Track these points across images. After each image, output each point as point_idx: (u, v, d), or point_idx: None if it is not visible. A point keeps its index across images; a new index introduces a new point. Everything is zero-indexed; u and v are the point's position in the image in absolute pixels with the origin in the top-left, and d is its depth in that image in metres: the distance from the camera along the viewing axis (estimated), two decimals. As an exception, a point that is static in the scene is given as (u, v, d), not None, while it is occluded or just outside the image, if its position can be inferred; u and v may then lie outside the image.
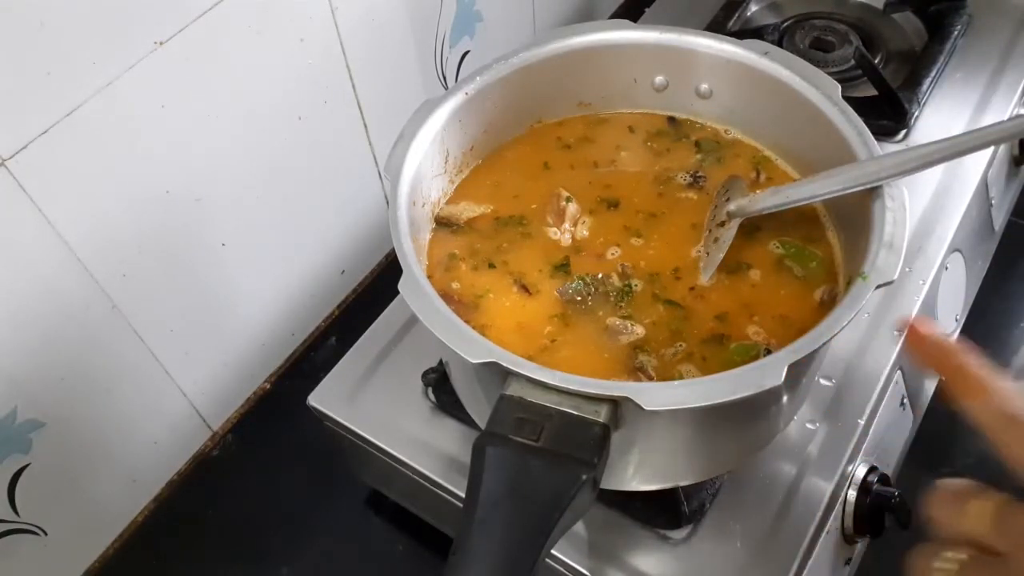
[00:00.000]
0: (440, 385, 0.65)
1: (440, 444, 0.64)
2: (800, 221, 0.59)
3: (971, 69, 0.84)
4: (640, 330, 0.54)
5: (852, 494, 0.61)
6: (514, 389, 0.45)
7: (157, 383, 0.73)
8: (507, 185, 0.63)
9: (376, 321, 0.72)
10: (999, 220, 0.85)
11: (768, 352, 0.52)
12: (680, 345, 0.53)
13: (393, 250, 0.51)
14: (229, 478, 0.79)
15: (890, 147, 0.77)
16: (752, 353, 0.52)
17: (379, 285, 0.93)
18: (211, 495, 0.78)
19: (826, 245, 0.58)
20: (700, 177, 0.62)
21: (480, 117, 0.62)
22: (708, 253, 0.57)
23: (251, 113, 0.71)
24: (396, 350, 0.69)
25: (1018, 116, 0.48)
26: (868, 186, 0.52)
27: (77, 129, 0.58)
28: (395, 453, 0.64)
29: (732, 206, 0.58)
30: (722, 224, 0.58)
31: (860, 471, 0.62)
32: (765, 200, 0.57)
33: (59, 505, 0.69)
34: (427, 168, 0.58)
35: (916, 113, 0.80)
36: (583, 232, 0.60)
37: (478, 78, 0.61)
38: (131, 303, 0.67)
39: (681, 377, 0.52)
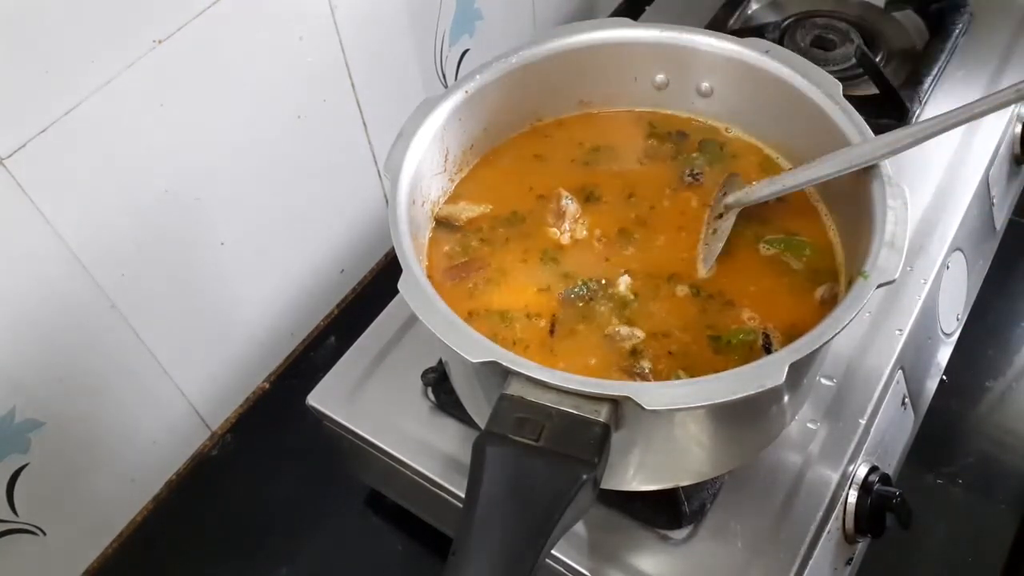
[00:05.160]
0: (440, 385, 0.65)
1: (439, 444, 0.63)
2: (800, 220, 0.59)
3: (972, 68, 0.84)
4: (640, 332, 0.53)
5: (853, 494, 0.61)
6: (514, 388, 0.45)
7: (156, 383, 0.73)
8: (507, 184, 0.63)
9: (375, 320, 0.71)
10: (1000, 219, 0.85)
11: (766, 335, 0.52)
12: (680, 346, 0.53)
13: (393, 249, 0.50)
14: (228, 478, 0.79)
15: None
16: (750, 338, 0.52)
17: (379, 284, 0.92)
18: (210, 495, 0.78)
19: (816, 233, 0.58)
20: (699, 175, 0.62)
21: (480, 115, 0.61)
22: (707, 244, 0.57)
23: (250, 112, 0.71)
24: (395, 350, 0.69)
25: (1005, 88, 0.48)
26: (862, 166, 0.52)
27: (76, 128, 0.57)
28: (394, 453, 0.63)
29: (730, 198, 0.58)
30: (720, 216, 0.58)
31: (861, 471, 0.61)
32: (762, 189, 0.57)
33: (58, 505, 0.69)
34: (427, 167, 0.58)
35: (917, 112, 0.80)
36: (583, 231, 0.60)
37: (478, 76, 0.60)
38: (130, 302, 0.67)
39: (680, 378, 0.51)
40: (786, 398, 0.54)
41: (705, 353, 0.53)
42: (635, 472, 0.52)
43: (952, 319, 0.77)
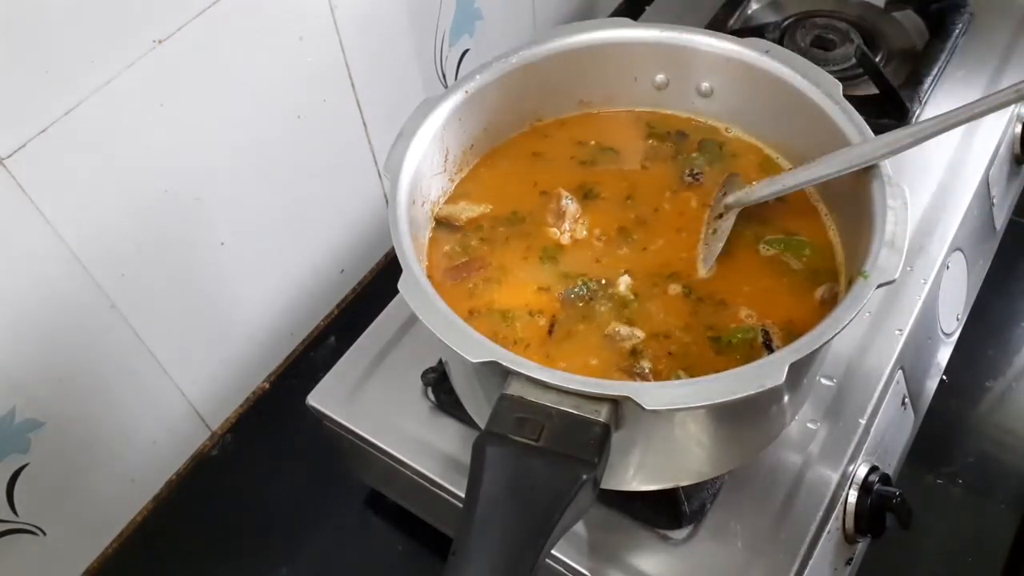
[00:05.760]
0: (439, 385, 0.65)
1: (439, 444, 0.63)
2: (800, 220, 0.59)
3: (972, 68, 0.84)
4: (640, 332, 0.53)
5: (853, 494, 0.61)
6: (514, 388, 0.45)
7: (156, 383, 0.73)
8: (506, 184, 0.63)
9: (375, 320, 0.71)
10: (1000, 219, 0.85)
11: (766, 332, 0.52)
12: (680, 346, 0.53)
13: (393, 249, 0.50)
14: (228, 478, 0.79)
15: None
16: (749, 336, 0.52)
17: (378, 284, 0.92)
18: (210, 495, 0.78)
19: (816, 233, 0.58)
20: (699, 175, 0.62)
21: (480, 115, 0.61)
22: (707, 244, 0.57)
23: (250, 112, 0.71)
24: (395, 350, 0.69)
25: (1005, 88, 0.48)
26: (862, 166, 0.52)
27: (76, 128, 0.57)
28: (394, 453, 0.63)
29: (730, 198, 0.58)
30: (720, 216, 0.58)
31: (861, 471, 0.61)
32: (762, 189, 0.57)
33: (58, 505, 0.69)
34: (427, 167, 0.58)
35: (918, 112, 0.80)
36: (583, 232, 0.60)
37: (478, 76, 0.60)
38: (130, 302, 0.67)
39: (681, 378, 0.51)
40: (786, 398, 0.54)
41: (706, 354, 0.53)
42: (635, 472, 0.52)
43: (952, 319, 0.77)
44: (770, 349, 0.52)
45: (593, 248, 0.59)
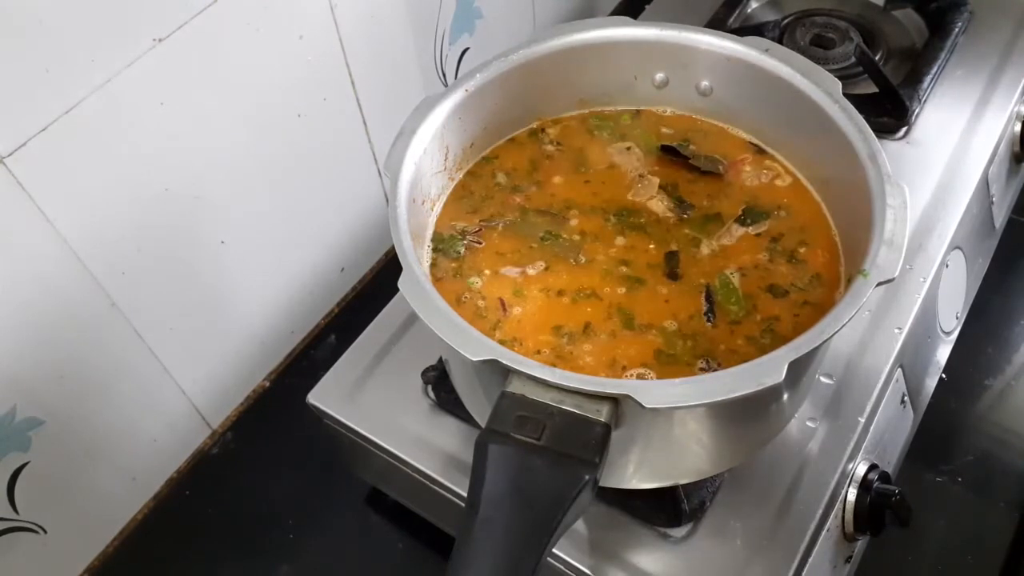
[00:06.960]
0: (440, 383, 0.65)
1: (440, 442, 0.64)
2: (801, 218, 0.59)
3: (972, 66, 0.84)
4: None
5: (852, 492, 0.61)
6: (515, 387, 0.45)
7: (156, 381, 0.73)
8: (506, 184, 0.63)
9: (376, 319, 0.71)
10: (1000, 218, 0.85)
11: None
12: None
13: (393, 248, 0.50)
14: (229, 476, 0.79)
15: (891, 144, 0.77)
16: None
17: (379, 283, 0.93)
18: (211, 493, 0.78)
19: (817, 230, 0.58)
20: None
21: (480, 114, 0.61)
22: None
23: (250, 110, 0.71)
24: (396, 348, 0.69)
25: None
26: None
27: (76, 126, 0.57)
28: (395, 451, 0.63)
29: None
30: None
31: (860, 469, 0.62)
32: None
33: (59, 503, 0.69)
34: (427, 165, 0.58)
35: (917, 110, 0.80)
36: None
37: (478, 75, 0.60)
38: (130, 301, 0.67)
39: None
40: (785, 396, 0.54)
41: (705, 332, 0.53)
42: (635, 470, 0.52)
43: (951, 317, 0.77)
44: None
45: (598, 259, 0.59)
